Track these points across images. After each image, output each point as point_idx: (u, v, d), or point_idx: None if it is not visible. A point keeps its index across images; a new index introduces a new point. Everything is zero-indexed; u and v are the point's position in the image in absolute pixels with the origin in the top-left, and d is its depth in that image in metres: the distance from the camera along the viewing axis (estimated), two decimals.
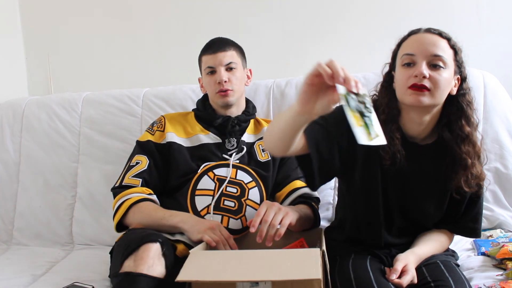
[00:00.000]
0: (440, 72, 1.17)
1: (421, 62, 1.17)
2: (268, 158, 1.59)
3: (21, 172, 1.94)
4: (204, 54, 1.60)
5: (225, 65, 1.56)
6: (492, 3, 2.02)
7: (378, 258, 1.29)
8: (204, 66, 1.60)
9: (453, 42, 1.22)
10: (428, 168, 1.26)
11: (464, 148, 1.22)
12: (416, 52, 1.18)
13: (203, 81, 1.63)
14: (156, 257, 1.21)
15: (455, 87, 1.23)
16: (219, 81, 1.55)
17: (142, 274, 1.16)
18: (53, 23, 2.29)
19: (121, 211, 1.45)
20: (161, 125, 1.60)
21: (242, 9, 2.16)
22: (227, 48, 1.58)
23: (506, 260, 1.34)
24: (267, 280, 1.02)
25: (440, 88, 1.17)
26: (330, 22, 2.11)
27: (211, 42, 1.61)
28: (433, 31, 1.21)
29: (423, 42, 1.19)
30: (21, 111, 2.00)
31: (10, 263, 1.68)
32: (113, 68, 2.27)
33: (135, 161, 1.55)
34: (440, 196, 1.29)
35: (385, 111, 1.24)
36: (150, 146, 1.56)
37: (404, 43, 1.24)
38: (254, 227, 1.25)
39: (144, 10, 2.23)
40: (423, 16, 2.04)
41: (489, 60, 1.98)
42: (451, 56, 1.20)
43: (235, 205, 1.49)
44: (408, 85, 1.17)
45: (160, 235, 1.28)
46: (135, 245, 1.22)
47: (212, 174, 1.52)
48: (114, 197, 1.51)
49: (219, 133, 1.59)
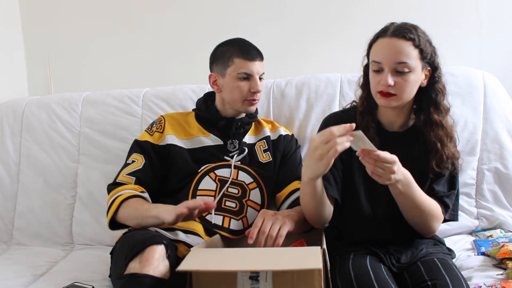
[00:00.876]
0: (405, 77, 1.25)
1: (387, 71, 1.25)
2: (269, 159, 1.59)
3: (21, 172, 1.94)
4: (239, 57, 1.52)
5: (260, 75, 1.55)
6: (492, 3, 2.02)
7: (377, 257, 1.30)
8: (239, 70, 1.51)
9: (418, 41, 1.25)
10: (405, 154, 1.29)
11: (433, 133, 1.31)
12: (382, 61, 1.25)
13: (229, 83, 1.54)
14: (161, 258, 1.21)
15: (425, 80, 1.31)
16: (254, 91, 1.53)
17: (147, 275, 1.16)
18: (53, 23, 2.29)
19: (113, 207, 1.45)
20: (161, 126, 1.59)
21: (242, 9, 2.16)
22: (261, 58, 1.55)
23: (506, 260, 1.34)
24: (268, 269, 1.02)
25: (406, 91, 1.26)
26: (330, 22, 2.11)
27: (250, 48, 1.54)
28: (399, 34, 1.24)
29: (388, 51, 1.25)
30: (21, 111, 2.00)
31: (10, 263, 1.68)
32: (113, 68, 2.27)
33: (131, 159, 1.55)
34: (420, 181, 1.30)
35: (363, 103, 1.37)
36: (147, 147, 1.55)
37: (373, 47, 1.30)
38: (252, 238, 1.25)
39: (144, 10, 2.23)
40: (423, 16, 2.03)
41: (489, 60, 1.99)
42: (417, 57, 1.25)
43: (236, 205, 1.49)
44: (377, 90, 1.28)
45: (165, 237, 1.28)
46: (140, 247, 1.21)
47: (214, 175, 1.52)
48: (108, 193, 1.51)
49: (220, 134, 1.58)
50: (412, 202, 1.26)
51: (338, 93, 1.82)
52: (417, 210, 1.28)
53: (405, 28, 1.25)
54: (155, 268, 1.18)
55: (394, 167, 1.14)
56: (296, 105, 1.83)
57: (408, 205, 1.27)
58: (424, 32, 1.29)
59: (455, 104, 1.73)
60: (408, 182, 1.23)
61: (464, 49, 2.04)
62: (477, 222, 1.69)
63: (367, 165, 1.16)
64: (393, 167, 1.14)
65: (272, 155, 1.60)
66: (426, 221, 1.31)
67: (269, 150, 1.61)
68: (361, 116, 1.35)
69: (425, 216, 1.30)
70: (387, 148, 1.23)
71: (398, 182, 1.20)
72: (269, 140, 1.63)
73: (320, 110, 1.80)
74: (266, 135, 1.64)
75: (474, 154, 1.71)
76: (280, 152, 1.61)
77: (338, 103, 1.80)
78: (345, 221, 1.40)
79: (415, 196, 1.25)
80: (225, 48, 1.56)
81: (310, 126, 1.79)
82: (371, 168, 1.15)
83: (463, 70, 1.79)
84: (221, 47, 1.58)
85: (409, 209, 1.29)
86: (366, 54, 1.34)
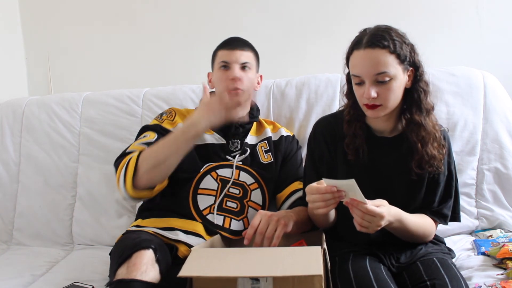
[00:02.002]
0: (387, 86, 1.22)
1: (368, 84, 1.22)
2: (271, 159, 1.59)
3: (21, 172, 1.94)
4: (220, 49, 1.57)
5: (240, 63, 1.54)
6: (492, 3, 2.01)
7: (377, 257, 1.30)
8: (219, 60, 1.56)
9: (393, 46, 1.21)
10: (394, 160, 1.31)
11: (414, 133, 1.29)
12: (361, 74, 1.23)
13: (214, 75, 1.59)
14: (150, 263, 1.20)
15: (409, 81, 1.28)
16: (232, 78, 1.52)
17: (134, 280, 1.15)
18: (53, 23, 2.29)
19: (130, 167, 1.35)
20: (171, 116, 1.58)
21: (242, 9, 2.16)
22: (246, 48, 1.57)
23: (507, 260, 1.34)
24: (268, 276, 1.02)
25: (391, 99, 1.24)
26: (330, 22, 2.11)
27: (231, 39, 1.59)
28: (372, 44, 1.21)
29: (365, 63, 1.22)
30: (21, 111, 2.00)
31: (10, 263, 1.68)
32: (113, 68, 2.27)
33: (143, 135, 1.51)
34: (410, 184, 1.31)
35: (350, 112, 1.34)
36: (159, 128, 1.52)
37: (351, 59, 1.27)
38: (248, 239, 1.25)
39: (144, 10, 2.23)
40: (423, 16, 2.04)
41: (489, 60, 1.98)
42: (396, 63, 1.22)
43: (237, 206, 1.49)
44: (362, 102, 1.27)
45: (153, 241, 1.26)
46: (128, 253, 1.21)
47: (215, 174, 1.52)
48: (116, 169, 1.42)
49: (223, 134, 1.58)
50: (407, 233, 1.28)
51: (338, 93, 1.81)
52: (412, 236, 1.30)
53: (377, 36, 1.22)
54: (142, 272, 1.17)
55: (381, 222, 1.14)
56: (296, 105, 1.83)
57: (404, 235, 1.30)
58: (398, 32, 1.25)
59: (455, 104, 1.73)
60: (399, 220, 1.23)
61: (464, 49, 2.04)
62: (477, 222, 1.69)
63: (355, 216, 1.15)
64: (380, 221, 1.14)
65: (274, 156, 1.60)
66: (421, 240, 1.34)
67: (271, 151, 1.61)
68: (348, 125, 1.34)
69: (421, 237, 1.33)
70: (376, 153, 1.24)
71: (388, 225, 1.20)
72: (271, 141, 1.63)
73: (320, 110, 1.80)
74: (268, 136, 1.64)
75: (474, 154, 1.71)
76: (281, 153, 1.61)
77: (338, 103, 1.80)
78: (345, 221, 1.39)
79: (408, 228, 1.26)
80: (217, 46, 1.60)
81: (310, 126, 1.77)
82: (358, 220, 1.14)
83: (463, 70, 1.79)
84: None
85: (405, 237, 1.31)
86: (346, 64, 1.31)
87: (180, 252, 1.36)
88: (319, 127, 1.43)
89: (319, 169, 1.39)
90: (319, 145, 1.40)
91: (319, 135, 1.41)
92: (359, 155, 1.31)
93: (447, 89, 1.74)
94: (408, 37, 1.27)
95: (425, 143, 1.28)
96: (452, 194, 1.36)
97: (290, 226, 1.31)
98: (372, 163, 1.32)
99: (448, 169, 1.35)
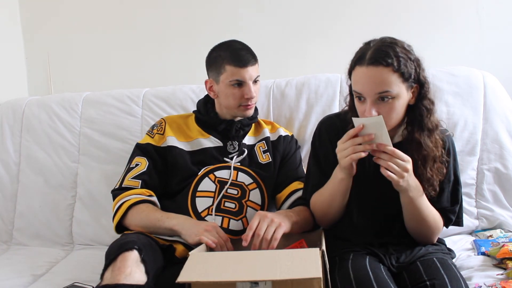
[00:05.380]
0: (389, 104, 1.19)
1: (369, 102, 1.19)
2: (269, 159, 1.59)
3: (21, 172, 1.94)
4: (231, 65, 1.49)
5: (253, 79, 1.52)
6: (492, 3, 2.02)
7: (377, 257, 1.30)
8: (231, 77, 1.49)
9: (398, 63, 1.17)
10: None
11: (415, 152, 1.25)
12: (363, 92, 1.20)
13: (224, 90, 1.52)
14: (134, 264, 1.19)
15: (413, 98, 1.25)
16: (247, 97, 1.51)
17: (118, 285, 1.14)
18: (53, 23, 2.29)
19: (120, 212, 1.45)
20: (161, 128, 1.59)
21: (241, 9, 2.16)
22: (254, 61, 1.51)
23: (507, 260, 1.34)
24: (267, 279, 1.02)
25: (392, 117, 1.22)
26: (330, 22, 2.11)
27: (239, 53, 1.50)
28: (376, 61, 1.17)
29: (367, 81, 1.19)
30: (21, 111, 2.00)
31: (10, 263, 1.68)
32: (113, 68, 2.27)
33: (135, 163, 1.54)
34: None
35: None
36: (149, 149, 1.55)
37: (353, 75, 1.24)
38: (247, 241, 1.25)
39: (144, 10, 2.23)
40: (423, 16, 2.04)
41: (489, 60, 1.99)
42: (399, 82, 1.18)
43: (235, 206, 1.49)
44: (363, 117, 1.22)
45: (137, 242, 1.25)
46: (113, 256, 1.20)
47: (213, 176, 1.52)
48: (113, 199, 1.51)
49: (220, 136, 1.58)
50: (420, 213, 1.26)
51: (338, 93, 1.82)
52: (423, 222, 1.29)
53: (381, 52, 1.18)
54: (127, 275, 1.15)
55: (408, 165, 1.15)
56: (296, 106, 1.83)
57: (416, 215, 1.27)
58: (404, 47, 1.21)
59: (455, 104, 1.73)
60: (418, 190, 1.23)
61: (464, 49, 2.05)
62: (477, 222, 1.69)
63: (381, 161, 1.16)
64: (407, 165, 1.15)
65: (272, 156, 1.60)
66: (428, 233, 1.32)
67: (269, 151, 1.61)
68: None
69: (430, 229, 1.31)
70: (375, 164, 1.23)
71: (409, 188, 1.20)
72: (269, 141, 1.63)
73: (320, 111, 1.80)
74: (266, 136, 1.64)
75: (474, 154, 1.71)
76: (279, 153, 1.61)
77: (338, 104, 1.80)
78: (345, 221, 1.40)
79: (423, 206, 1.26)
80: (217, 53, 1.54)
81: (310, 126, 1.79)
82: (385, 163, 1.15)
83: (463, 70, 1.79)
84: (214, 52, 1.56)
85: (416, 220, 1.29)
86: (348, 77, 1.28)
87: (177, 252, 1.37)
88: (324, 126, 1.43)
89: (323, 168, 1.39)
90: (324, 144, 1.40)
91: (324, 134, 1.41)
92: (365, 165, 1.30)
93: (447, 89, 1.74)
94: (414, 51, 1.22)
95: (425, 162, 1.25)
96: (459, 199, 1.36)
97: (289, 226, 1.31)
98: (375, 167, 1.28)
99: (454, 174, 1.34)
